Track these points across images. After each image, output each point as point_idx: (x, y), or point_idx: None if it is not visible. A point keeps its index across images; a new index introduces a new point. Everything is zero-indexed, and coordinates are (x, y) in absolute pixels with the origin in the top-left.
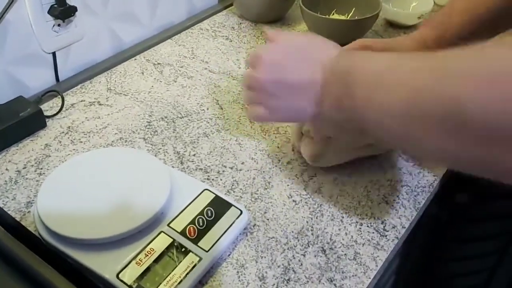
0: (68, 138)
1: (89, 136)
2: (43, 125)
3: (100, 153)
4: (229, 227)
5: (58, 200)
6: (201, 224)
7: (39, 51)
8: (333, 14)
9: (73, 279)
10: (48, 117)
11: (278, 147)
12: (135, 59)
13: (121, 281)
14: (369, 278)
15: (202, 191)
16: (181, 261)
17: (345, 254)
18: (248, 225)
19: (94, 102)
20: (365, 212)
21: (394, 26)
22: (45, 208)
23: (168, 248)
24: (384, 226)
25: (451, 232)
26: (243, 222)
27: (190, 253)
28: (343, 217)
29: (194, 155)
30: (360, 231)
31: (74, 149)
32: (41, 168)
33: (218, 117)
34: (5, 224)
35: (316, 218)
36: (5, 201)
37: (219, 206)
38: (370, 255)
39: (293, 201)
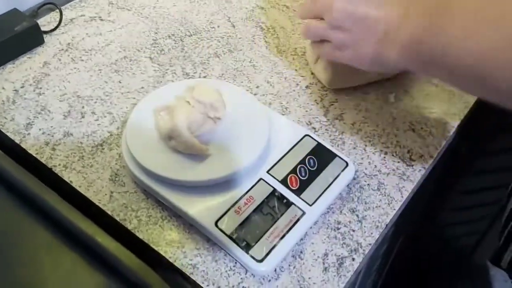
0: (68, 55)
1: (90, 54)
2: (40, 41)
3: (193, 84)
4: (333, 180)
5: (149, 133)
6: (303, 174)
7: None
8: None
9: (75, 204)
10: (46, 32)
11: (296, 69)
12: None
13: (220, 230)
14: (394, 209)
15: (303, 137)
16: (282, 214)
17: (368, 184)
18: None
19: (95, 17)
20: (390, 141)
21: None
22: (136, 142)
23: (269, 197)
24: (410, 156)
25: (467, 165)
26: (350, 176)
27: (293, 205)
28: (366, 146)
29: (204, 77)
30: (385, 160)
31: (75, 68)
32: (40, 88)
33: (230, 36)
34: (3, 147)
35: (338, 146)
36: (2, 122)
37: (322, 155)
38: (395, 186)
39: (313, 128)
